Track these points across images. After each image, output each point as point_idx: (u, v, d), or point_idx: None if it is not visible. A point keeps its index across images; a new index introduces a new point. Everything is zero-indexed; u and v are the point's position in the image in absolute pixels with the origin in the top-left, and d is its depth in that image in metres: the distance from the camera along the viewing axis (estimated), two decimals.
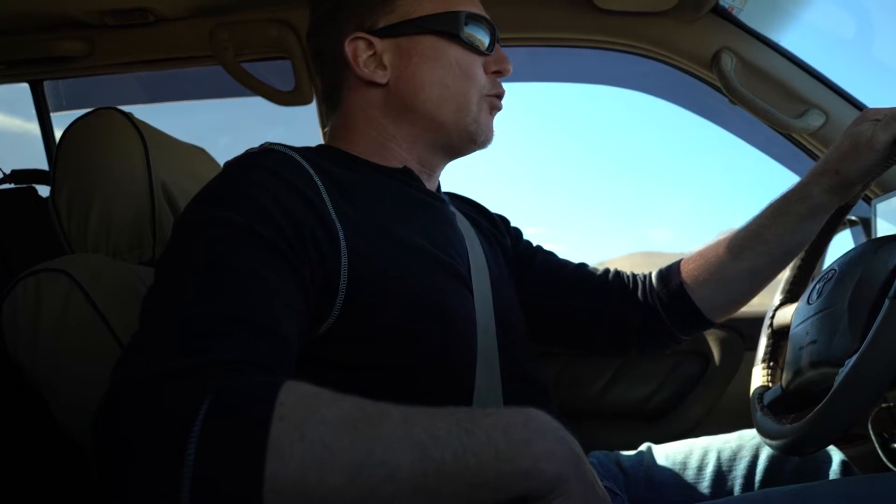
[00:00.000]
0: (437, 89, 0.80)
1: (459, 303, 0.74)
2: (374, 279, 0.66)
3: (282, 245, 0.60)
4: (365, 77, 0.80)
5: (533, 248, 1.00)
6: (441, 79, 0.80)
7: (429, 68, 0.80)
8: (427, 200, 0.82)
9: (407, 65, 0.80)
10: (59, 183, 0.91)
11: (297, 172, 0.67)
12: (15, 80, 1.63)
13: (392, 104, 0.81)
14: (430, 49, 0.80)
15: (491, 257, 0.86)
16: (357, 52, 0.80)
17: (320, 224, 0.64)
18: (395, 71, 0.80)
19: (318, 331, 0.64)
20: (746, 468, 0.90)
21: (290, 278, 0.59)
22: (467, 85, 0.81)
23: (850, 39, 1.50)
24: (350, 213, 0.68)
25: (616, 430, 1.35)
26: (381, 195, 0.75)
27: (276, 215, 0.61)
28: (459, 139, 0.83)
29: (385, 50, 0.80)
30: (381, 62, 0.80)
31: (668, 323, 0.92)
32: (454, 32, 0.80)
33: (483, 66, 0.83)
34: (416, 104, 0.80)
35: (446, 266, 0.74)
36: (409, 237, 0.72)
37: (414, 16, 0.80)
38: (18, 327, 0.79)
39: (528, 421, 0.49)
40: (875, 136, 0.75)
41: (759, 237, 0.85)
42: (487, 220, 0.97)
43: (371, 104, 0.81)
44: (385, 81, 0.80)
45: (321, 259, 0.63)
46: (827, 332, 0.73)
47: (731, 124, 1.41)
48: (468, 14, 0.82)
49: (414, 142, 0.82)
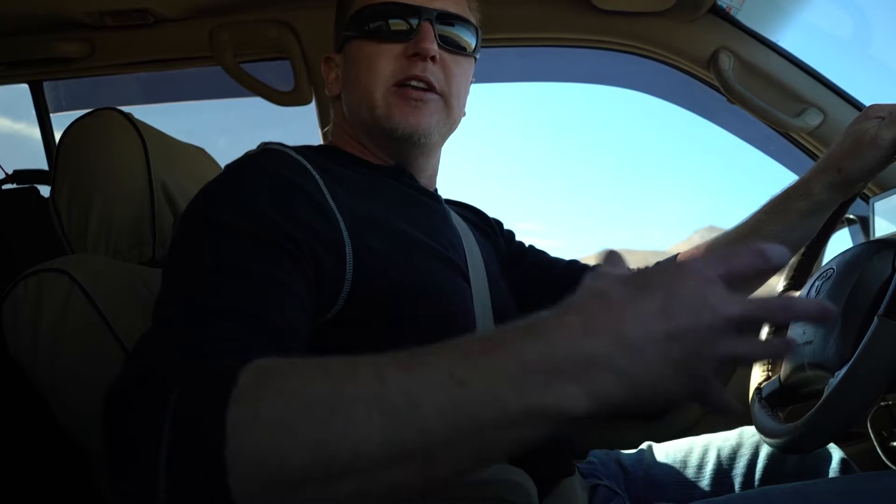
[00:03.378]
0: (356, 91, 0.81)
1: (458, 295, 0.74)
2: (378, 267, 0.67)
3: (283, 242, 0.60)
4: (331, 93, 0.86)
5: (524, 247, 1.01)
6: (356, 79, 0.80)
7: (350, 72, 0.82)
8: (422, 198, 0.83)
9: (346, 74, 0.83)
10: (59, 183, 0.91)
11: (295, 169, 0.68)
12: (15, 81, 1.64)
13: (347, 115, 0.84)
14: (353, 52, 0.81)
15: (486, 255, 0.86)
16: (328, 71, 0.86)
17: (322, 216, 0.65)
18: (341, 83, 0.84)
19: (324, 317, 0.65)
20: (746, 466, 0.90)
21: (293, 272, 0.59)
22: (370, 79, 0.78)
23: (847, 39, 1.50)
24: (350, 204, 0.68)
25: (615, 428, 1.35)
26: (378, 191, 0.76)
27: (277, 213, 0.61)
28: (381, 134, 0.80)
29: (339, 64, 0.85)
30: (339, 77, 0.85)
31: None
32: (363, 29, 0.79)
33: (401, 54, 0.78)
34: (352, 111, 0.82)
35: (445, 259, 0.75)
36: (407, 230, 0.73)
37: (343, 25, 0.83)
38: (19, 327, 0.79)
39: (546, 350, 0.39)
40: (880, 133, 0.75)
41: (757, 232, 0.86)
42: (482, 221, 0.98)
43: (340, 115, 0.86)
44: (337, 94, 0.85)
45: (325, 250, 0.63)
46: (822, 335, 0.74)
47: (730, 123, 1.41)
48: (370, 7, 0.79)
49: (376, 145, 0.83)
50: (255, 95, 1.48)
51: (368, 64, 0.78)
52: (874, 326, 0.62)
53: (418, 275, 0.70)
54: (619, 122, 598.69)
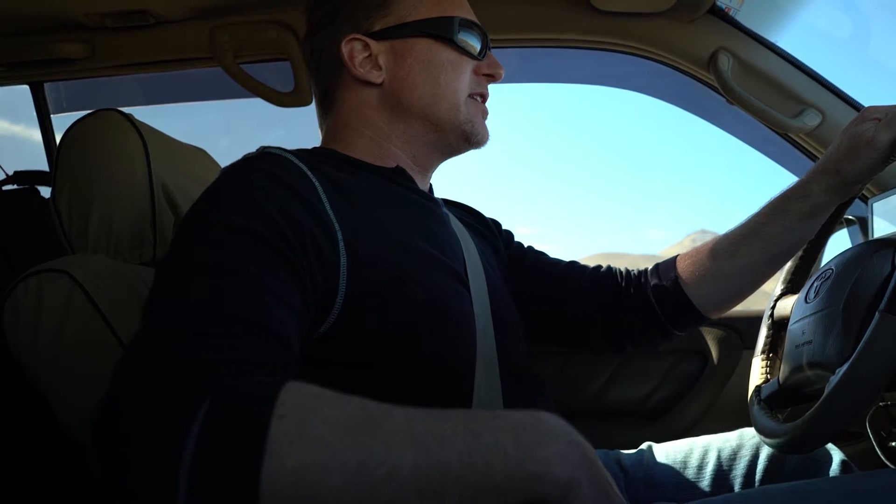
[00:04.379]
0: (431, 88, 0.82)
1: (458, 302, 0.74)
2: (373, 279, 0.67)
3: (281, 247, 0.60)
4: (360, 77, 0.82)
5: (524, 248, 1.01)
6: (434, 78, 0.82)
7: (423, 69, 0.82)
8: (421, 202, 0.83)
9: (402, 66, 0.82)
10: (60, 184, 0.91)
11: (294, 174, 0.68)
12: (15, 82, 1.64)
13: (387, 103, 0.83)
14: (424, 51, 0.82)
15: (485, 258, 0.87)
16: (353, 53, 0.82)
17: (318, 224, 0.65)
18: (389, 71, 0.82)
19: (318, 330, 0.65)
20: (746, 467, 0.90)
21: (289, 280, 0.60)
22: (458, 83, 0.83)
23: (846, 39, 1.51)
24: (347, 213, 0.69)
25: (616, 428, 1.36)
26: (377, 196, 0.76)
27: (276, 217, 0.61)
28: (455, 138, 0.85)
29: (380, 51, 0.82)
30: (377, 63, 0.82)
31: (663, 318, 0.92)
32: (448, 36, 0.83)
33: (474, 70, 0.86)
34: (411, 103, 0.82)
35: (444, 266, 0.75)
36: (406, 237, 0.73)
37: (409, 19, 0.83)
38: (20, 327, 0.79)
39: (539, 423, 0.48)
40: (876, 135, 0.75)
41: (755, 234, 0.86)
42: (480, 224, 0.98)
43: (366, 104, 0.83)
44: (380, 81, 0.82)
45: (320, 259, 0.63)
46: (822, 334, 0.74)
47: (729, 124, 1.41)
48: (461, 20, 0.84)
49: (409, 141, 0.84)
50: (256, 96, 1.49)
51: (454, 68, 0.83)
52: (876, 321, 0.62)
53: (416, 283, 0.70)
54: (613, 123, 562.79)
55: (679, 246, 14.00)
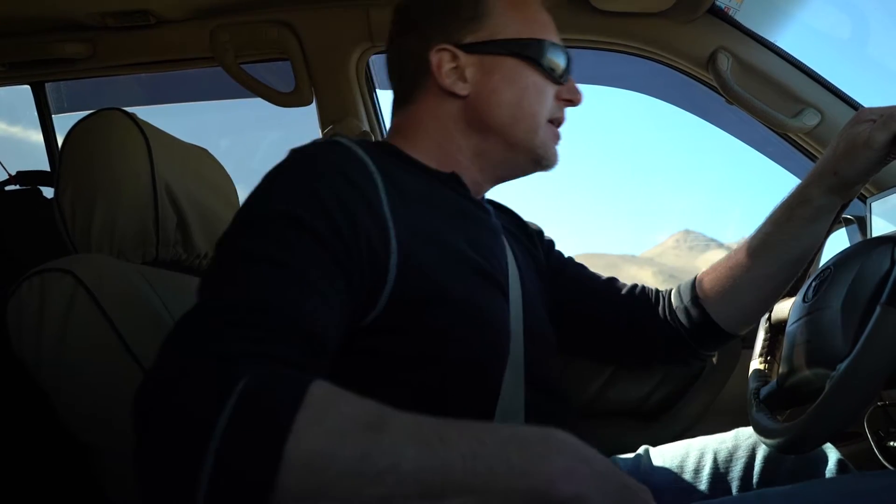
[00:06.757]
0: (513, 109, 0.83)
1: (497, 311, 0.76)
2: (420, 280, 0.68)
3: (338, 249, 0.62)
4: (446, 87, 0.82)
5: (564, 258, 1.03)
6: (518, 99, 0.83)
7: (508, 88, 0.82)
8: (473, 209, 0.84)
9: (488, 81, 0.82)
10: (63, 183, 0.91)
11: (361, 171, 0.69)
12: (17, 82, 1.64)
13: (467, 117, 0.83)
14: (511, 70, 0.83)
15: (524, 268, 0.88)
16: (441, 62, 0.82)
17: (375, 226, 0.66)
18: (475, 86, 0.82)
19: (362, 321, 0.66)
20: (743, 469, 0.90)
21: (339, 278, 0.61)
22: (539, 107, 0.84)
23: (845, 39, 1.51)
24: (404, 214, 0.69)
25: (613, 429, 1.35)
26: (433, 201, 0.77)
27: (337, 214, 0.63)
28: (525, 160, 0.86)
29: (468, 64, 0.82)
30: (463, 75, 0.82)
31: (689, 339, 0.94)
32: (536, 58, 0.83)
33: (556, 94, 0.86)
34: (492, 120, 0.83)
35: (488, 275, 0.76)
36: (456, 244, 0.74)
37: (500, 37, 0.83)
38: (23, 326, 0.79)
39: (547, 438, 0.48)
40: (872, 136, 0.76)
41: (766, 246, 0.87)
42: (523, 232, 0.99)
43: (445, 113, 0.83)
44: (465, 94, 0.82)
45: (372, 259, 0.65)
46: (821, 333, 0.73)
47: (728, 124, 1.42)
48: (550, 43, 0.85)
49: (479, 155, 0.84)
50: (256, 96, 1.49)
51: (537, 92, 0.84)
52: (877, 315, 0.61)
53: (461, 290, 0.71)
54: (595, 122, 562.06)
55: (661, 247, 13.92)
